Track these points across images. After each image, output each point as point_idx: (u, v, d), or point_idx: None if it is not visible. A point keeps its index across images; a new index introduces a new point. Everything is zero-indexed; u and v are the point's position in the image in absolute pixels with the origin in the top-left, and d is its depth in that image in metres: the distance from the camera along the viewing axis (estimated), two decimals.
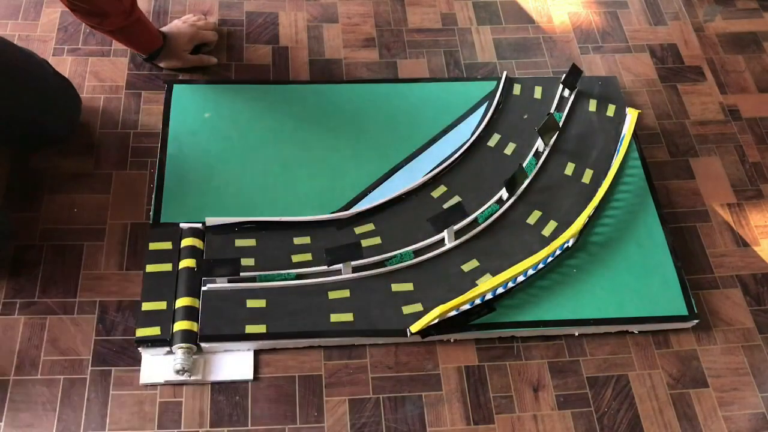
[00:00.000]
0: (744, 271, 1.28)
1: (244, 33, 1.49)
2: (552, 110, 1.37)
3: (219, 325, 1.09)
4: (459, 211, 1.20)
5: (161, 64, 1.38)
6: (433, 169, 1.28)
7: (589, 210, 1.21)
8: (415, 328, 1.10)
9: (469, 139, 1.33)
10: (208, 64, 1.41)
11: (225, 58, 1.44)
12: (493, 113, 1.37)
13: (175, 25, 1.40)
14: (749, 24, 1.64)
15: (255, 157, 1.28)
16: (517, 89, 1.41)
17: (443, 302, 1.07)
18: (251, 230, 1.19)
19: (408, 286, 1.16)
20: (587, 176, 1.30)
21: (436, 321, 1.10)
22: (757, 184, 1.39)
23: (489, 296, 1.14)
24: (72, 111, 1.27)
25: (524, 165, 1.28)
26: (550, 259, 1.18)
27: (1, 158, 1.26)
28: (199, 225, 1.18)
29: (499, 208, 1.24)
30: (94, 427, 1.04)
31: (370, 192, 1.26)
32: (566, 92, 1.40)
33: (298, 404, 1.08)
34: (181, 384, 1.08)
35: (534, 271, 1.18)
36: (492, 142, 1.34)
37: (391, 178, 1.28)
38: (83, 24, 1.43)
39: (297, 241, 1.19)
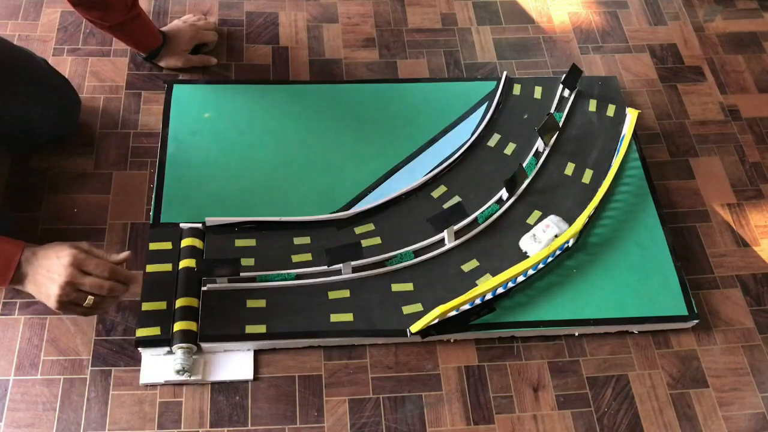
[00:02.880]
0: (744, 271, 1.28)
1: (244, 33, 1.49)
2: (552, 110, 1.37)
3: (219, 325, 1.09)
4: (459, 211, 1.20)
5: (161, 64, 1.38)
6: (433, 169, 1.28)
7: (589, 210, 1.21)
8: (415, 328, 1.10)
9: (469, 139, 1.33)
10: (208, 64, 1.41)
11: (225, 58, 1.44)
12: (493, 113, 1.37)
13: (175, 25, 1.41)
14: (749, 24, 1.64)
15: (255, 157, 1.28)
16: (517, 89, 1.41)
17: (443, 302, 1.07)
18: (251, 230, 1.19)
19: (408, 286, 1.16)
20: (587, 176, 1.30)
21: (436, 321, 1.10)
22: (757, 184, 1.39)
23: (489, 296, 1.14)
24: (70, 110, 1.27)
25: (524, 165, 1.28)
26: (550, 259, 1.18)
27: (1, 158, 1.26)
28: (199, 225, 1.18)
29: (499, 208, 1.24)
30: (94, 427, 1.04)
31: (370, 192, 1.26)
32: (566, 92, 1.40)
33: (298, 404, 1.08)
34: (181, 384, 1.08)
35: (534, 272, 1.18)
36: (492, 142, 1.34)
37: (391, 178, 1.28)
38: (83, 24, 1.44)
39: (297, 241, 1.19)
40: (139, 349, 1.08)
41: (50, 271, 0.94)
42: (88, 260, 0.95)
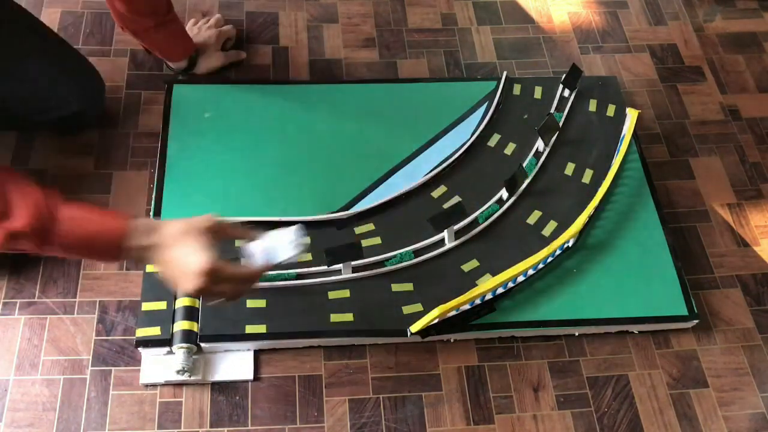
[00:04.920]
0: (744, 271, 1.28)
1: (244, 33, 1.48)
2: (552, 110, 1.37)
3: (219, 325, 1.09)
4: (459, 211, 1.20)
5: (200, 70, 1.37)
6: (433, 169, 1.28)
7: (589, 210, 1.21)
8: (415, 328, 1.10)
9: (469, 139, 1.33)
10: (240, 58, 1.42)
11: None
12: (493, 113, 1.37)
13: (195, 30, 1.39)
14: (749, 24, 1.64)
15: (255, 157, 1.28)
16: (517, 89, 1.40)
17: (443, 302, 1.07)
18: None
19: (408, 286, 1.16)
20: (587, 176, 1.30)
21: (436, 321, 1.10)
22: (757, 184, 1.39)
23: (489, 296, 1.14)
24: (93, 90, 1.28)
25: (524, 165, 1.28)
26: (550, 259, 1.18)
27: (2, 158, 1.26)
28: None
29: (499, 208, 1.24)
30: (94, 427, 1.04)
31: (370, 192, 1.26)
32: (566, 92, 1.40)
33: (298, 404, 1.08)
34: (181, 384, 1.08)
35: (534, 272, 1.18)
36: (492, 142, 1.34)
37: (391, 178, 1.28)
38: (83, 24, 1.44)
39: None
40: (139, 349, 1.08)
41: (186, 269, 0.86)
42: (222, 270, 0.86)
